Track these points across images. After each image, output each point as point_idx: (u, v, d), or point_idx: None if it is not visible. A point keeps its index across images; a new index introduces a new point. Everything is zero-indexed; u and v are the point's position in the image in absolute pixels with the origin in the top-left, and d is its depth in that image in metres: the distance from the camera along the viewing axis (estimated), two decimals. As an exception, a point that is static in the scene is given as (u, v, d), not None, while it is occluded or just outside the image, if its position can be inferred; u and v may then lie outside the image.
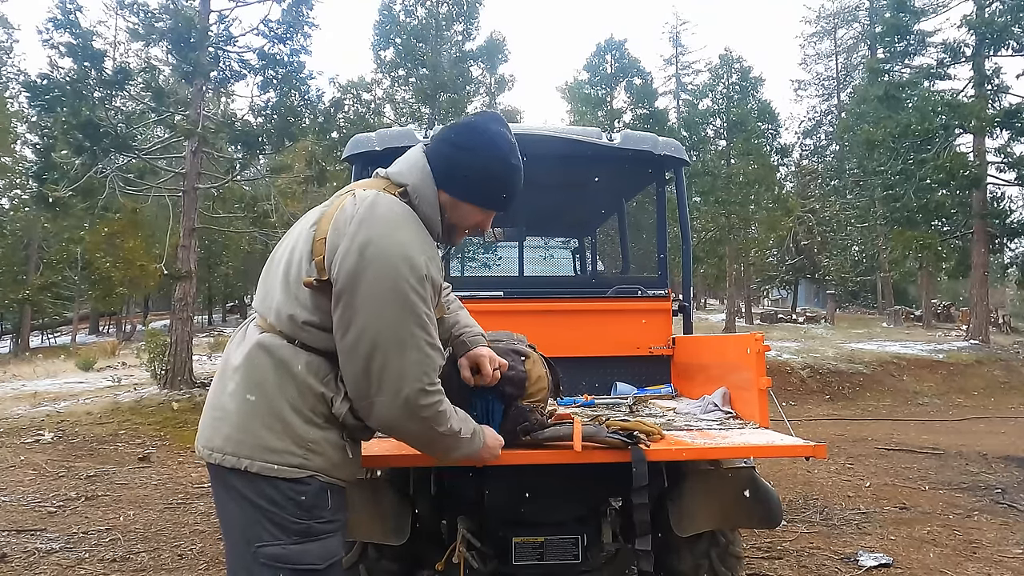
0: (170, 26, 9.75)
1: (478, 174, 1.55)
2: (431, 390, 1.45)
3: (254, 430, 1.42)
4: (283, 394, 1.43)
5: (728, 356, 2.78)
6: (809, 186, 31.27)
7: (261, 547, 1.40)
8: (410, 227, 1.47)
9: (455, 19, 25.99)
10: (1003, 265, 21.69)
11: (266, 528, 1.41)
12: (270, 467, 1.40)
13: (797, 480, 5.99)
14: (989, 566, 3.84)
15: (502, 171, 1.57)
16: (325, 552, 1.45)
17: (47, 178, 10.22)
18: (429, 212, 1.54)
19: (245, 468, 1.41)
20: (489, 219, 1.63)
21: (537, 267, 5.71)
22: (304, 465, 1.43)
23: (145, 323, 26.45)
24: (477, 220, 1.61)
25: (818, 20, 38.67)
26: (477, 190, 1.57)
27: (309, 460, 1.43)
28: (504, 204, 1.61)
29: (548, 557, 2.20)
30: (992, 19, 17.49)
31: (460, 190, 1.56)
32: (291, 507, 1.41)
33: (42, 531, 4.47)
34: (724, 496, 2.19)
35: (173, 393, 9.48)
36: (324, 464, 1.45)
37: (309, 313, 1.45)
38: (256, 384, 1.45)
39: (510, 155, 1.57)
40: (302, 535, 1.42)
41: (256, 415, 1.43)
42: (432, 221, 1.54)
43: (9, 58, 28.70)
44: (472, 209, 1.59)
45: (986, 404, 12.44)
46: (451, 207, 1.57)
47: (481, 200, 1.58)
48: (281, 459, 1.41)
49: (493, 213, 1.62)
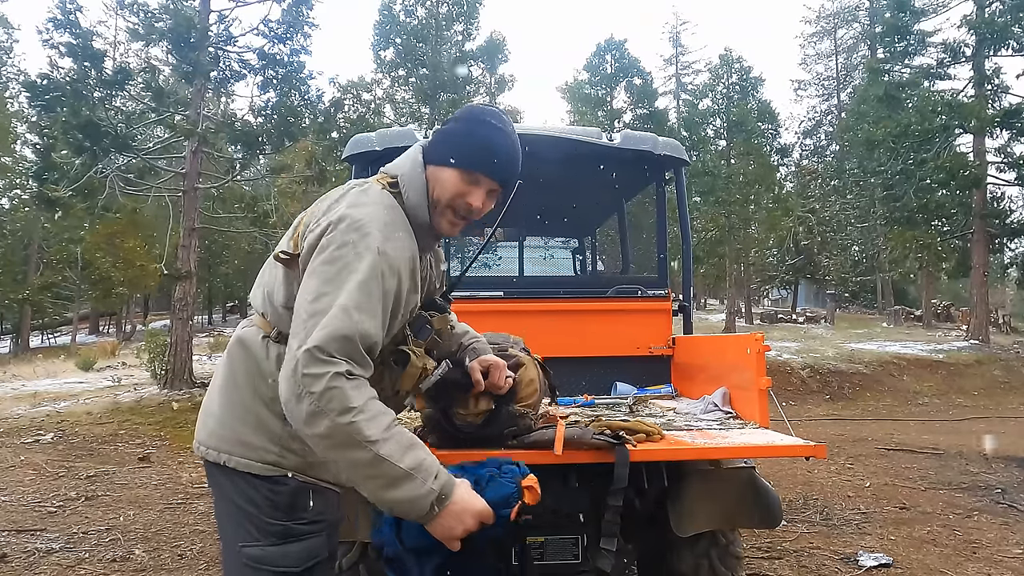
0: (170, 26, 9.76)
1: (459, 135, 1.48)
2: (330, 359, 1.20)
3: (233, 425, 1.40)
4: (256, 389, 1.40)
5: (728, 356, 2.78)
6: (809, 186, 31.24)
7: (243, 547, 1.37)
8: (391, 214, 1.39)
9: (455, 19, 26.02)
10: (1003, 265, 21.71)
11: (247, 528, 1.37)
12: (247, 463, 1.37)
13: (797, 480, 5.99)
14: (989, 566, 3.83)
15: (485, 132, 1.47)
16: (306, 554, 1.37)
17: (47, 178, 10.24)
18: (416, 199, 1.45)
19: (224, 463, 1.38)
20: (477, 192, 1.45)
21: (537, 267, 5.71)
22: (279, 463, 1.37)
23: (145, 323, 26.51)
24: (460, 190, 1.44)
25: (818, 20, 38.69)
26: (456, 149, 1.45)
27: (284, 458, 1.37)
28: (486, 166, 1.45)
29: (548, 557, 2.20)
30: (992, 19, 17.50)
31: (440, 152, 1.47)
32: (268, 507, 1.36)
33: (42, 531, 4.47)
34: (724, 496, 2.19)
35: (173, 393, 9.49)
36: (300, 463, 1.38)
37: (283, 295, 1.41)
38: (233, 378, 1.43)
39: (497, 122, 1.49)
40: (280, 536, 1.36)
41: (234, 410, 1.41)
42: (419, 208, 1.45)
43: (9, 58, 28.70)
44: (452, 174, 1.44)
45: (986, 404, 12.44)
46: (434, 180, 1.45)
47: (459, 159, 1.44)
48: (257, 455, 1.37)
49: (480, 183, 1.45)
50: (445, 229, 1.48)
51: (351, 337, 1.23)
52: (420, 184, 1.45)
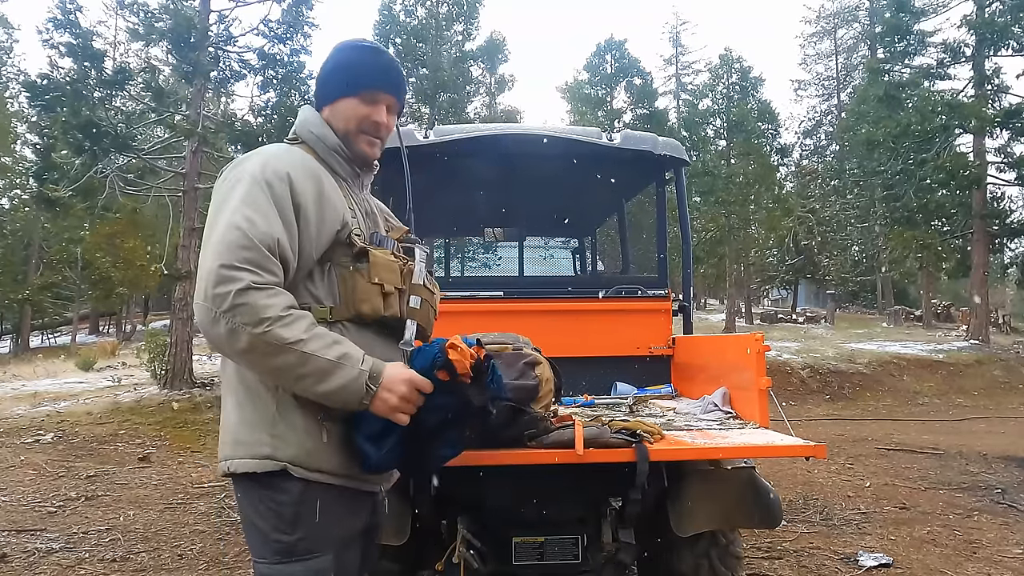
0: (170, 26, 9.75)
1: (333, 69, 1.51)
2: (233, 272, 1.20)
3: (229, 426, 1.36)
4: (243, 378, 1.35)
5: (728, 356, 2.78)
6: (809, 186, 31.24)
7: (256, 562, 1.35)
8: (276, 152, 1.39)
9: (455, 19, 26.02)
10: (1003, 265, 21.71)
11: (256, 543, 1.34)
12: (244, 462, 1.31)
13: (797, 480, 5.99)
14: (989, 566, 3.83)
15: (352, 55, 1.52)
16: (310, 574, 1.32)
17: (47, 178, 10.24)
18: (317, 131, 1.48)
19: (228, 469, 1.34)
20: (378, 109, 1.49)
21: (537, 267, 5.71)
22: (273, 456, 1.29)
23: (145, 323, 26.49)
24: (363, 112, 1.48)
25: (818, 20, 38.69)
26: (340, 81, 1.49)
27: (278, 449, 1.30)
28: (370, 80, 1.49)
29: (548, 557, 2.20)
30: (992, 19, 17.50)
31: (328, 90, 1.51)
32: (272, 519, 1.31)
33: (42, 531, 4.47)
34: (724, 496, 2.19)
35: (173, 393, 9.48)
36: (297, 452, 1.30)
37: None
38: (227, 381, 1.39)
39: (365, 43, 1.54)
40: (283, 555, 1.31)
41: (229, 410, 1.37)
42: (324, 137, 1.47)
43: (9, 58, 28.70)
44: (349, 103, 1.48)
45: (986, 404, 12.44)
46: (333, 116, 1.49)
47: (346, 87, 1.48)
48: (250, 451, 1.31)
49: (378, 100, 1.49)
50: (367, 150, 1.51)
51: (247, 244, 1.23)
52: (318, 121, 1.49)
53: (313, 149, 1.47)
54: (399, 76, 1.56)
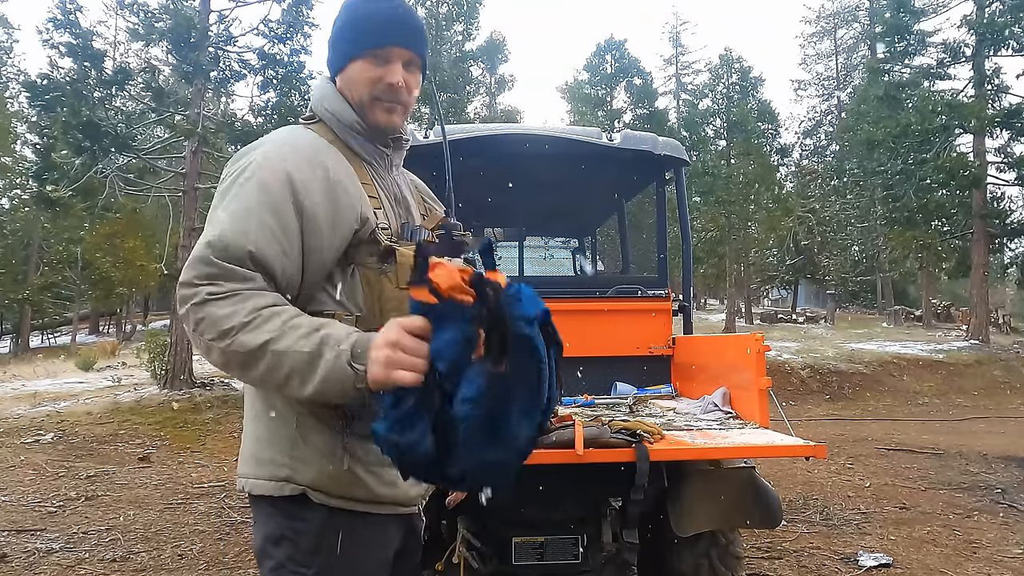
0: (170, 26, 9.76)
1: (340, 29, 1.31)
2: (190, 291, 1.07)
3: (249, 442, 1.24)
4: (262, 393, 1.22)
5: (728, 356, 2.78)
6: (809, 186, 31.25)
7: None
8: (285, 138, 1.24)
9: (455, 19, 26.02)
10: (1003, 265, 21.72)
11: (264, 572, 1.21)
12: (262, 483, 1.18)
13: (797, 480, 5.99)
14: (989, 566, 3.84)
15: (366, 9, 1.29)
16: None
17: (47, 178, 10.24)
18: (332, 106, 1.29)
19: (244, 488, 1.22)
20: (391, 69, 1.27)
21: (537, 267, 5.71)
22: (292, 478, 1.16)
23: (145, 323, 26.50)
24: (374, 75, 1.26)
25: (818, 20, 38.69)
26: (348, 40, 1.30)
27: (297, 471, 1.16)
28: (377, 34, 1.27)
29: (548, 557, 2.20)
30: (992, 19, 17.51)
31: (338, 57, 1.31)
32: (289, 549, 1.17)
33: (42, 531, 4.47)
34: (724, 496, 2.19)
35: (173, 393, 9.47)
36: (317, 477, 1.16)
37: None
38: (249, 392, 1.26)
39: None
40: None
41: (250, 425, 1.25)
42: (340, 113, 1.29)
43: (9, 58, 28.71)
44: (359, 66, 1.27)
45: (986, 404, 12.45)
46: (345, 83, 1.30)
47: (352, 47, 1.28)
48: (269, 471, 1.18)
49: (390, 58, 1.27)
50: (383, 119, 1.29)
51: (203, 257, 1.08)
52: (333, 94, 1.31)
53: (331, 128, 1.29)
54: (412, 22, 1.31)
